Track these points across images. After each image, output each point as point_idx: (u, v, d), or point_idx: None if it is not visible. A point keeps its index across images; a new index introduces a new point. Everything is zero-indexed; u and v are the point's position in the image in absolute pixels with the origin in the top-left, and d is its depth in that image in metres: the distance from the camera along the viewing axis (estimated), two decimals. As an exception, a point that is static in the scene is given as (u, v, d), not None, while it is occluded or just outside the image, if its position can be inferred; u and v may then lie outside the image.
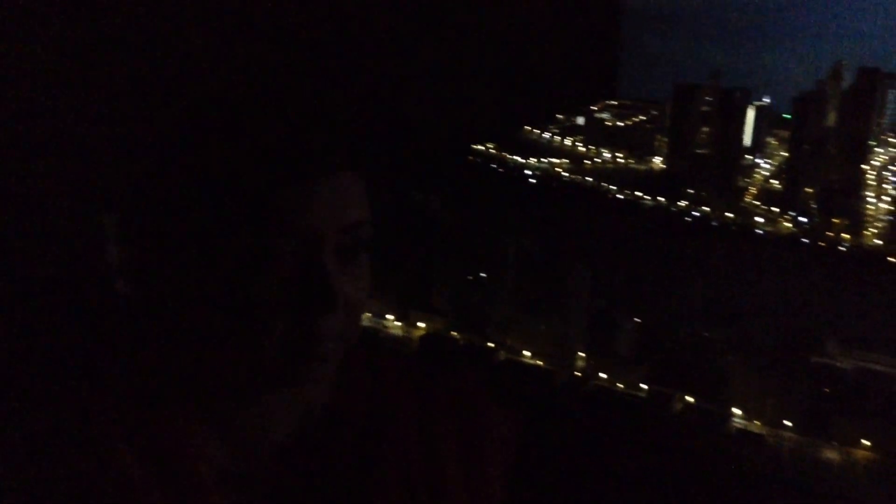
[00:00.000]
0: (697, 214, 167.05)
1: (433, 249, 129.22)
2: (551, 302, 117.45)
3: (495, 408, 2.46)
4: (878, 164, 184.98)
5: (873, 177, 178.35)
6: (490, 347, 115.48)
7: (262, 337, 1.83)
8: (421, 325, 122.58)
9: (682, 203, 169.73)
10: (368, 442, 2.19)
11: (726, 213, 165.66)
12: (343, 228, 1.93)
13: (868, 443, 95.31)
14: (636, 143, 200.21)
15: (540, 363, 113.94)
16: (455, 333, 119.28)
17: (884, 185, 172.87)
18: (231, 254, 1.78)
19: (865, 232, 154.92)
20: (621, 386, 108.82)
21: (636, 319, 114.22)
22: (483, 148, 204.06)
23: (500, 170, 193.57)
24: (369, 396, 2.30)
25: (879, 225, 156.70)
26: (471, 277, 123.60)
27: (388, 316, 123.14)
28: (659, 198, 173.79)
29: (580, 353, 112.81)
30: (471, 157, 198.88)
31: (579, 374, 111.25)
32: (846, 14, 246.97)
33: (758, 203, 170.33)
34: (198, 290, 1.83)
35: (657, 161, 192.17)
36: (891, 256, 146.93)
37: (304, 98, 1.92)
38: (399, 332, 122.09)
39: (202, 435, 1.98)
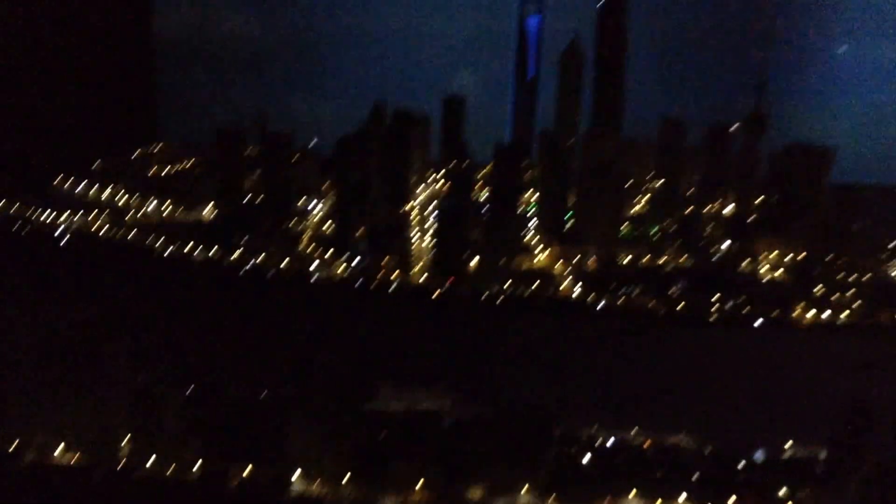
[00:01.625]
0: (253, 265, 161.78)
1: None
2: (87, 382, 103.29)
3: None
4: (422, 200, 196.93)
5: (417, 214, 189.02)
6: (10, 450, 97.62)
7: None
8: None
9: (236, 254, 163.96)
10: None
11: (282, 262, 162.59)
12: None
13: (422, 482, 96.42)
14: (183, 191, 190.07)
15: (75, 458, 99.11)
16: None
17: (427, 223, 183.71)
18: None
19: (413, 270, 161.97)
20: (173, 468, 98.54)
21: (187, 390, 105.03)
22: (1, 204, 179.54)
23: (24, 229, 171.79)
24: None
25: (424, 261, 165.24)
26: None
27: None
28: (210, 250, 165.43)
29: (125, 439, 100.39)
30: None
31: (124, 462, 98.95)
32: (385, 60, 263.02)
33: (313, 247, 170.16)
34: None
35: (207, 210, 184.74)
36: (435, 292, 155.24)
37: None
38: None
39: None
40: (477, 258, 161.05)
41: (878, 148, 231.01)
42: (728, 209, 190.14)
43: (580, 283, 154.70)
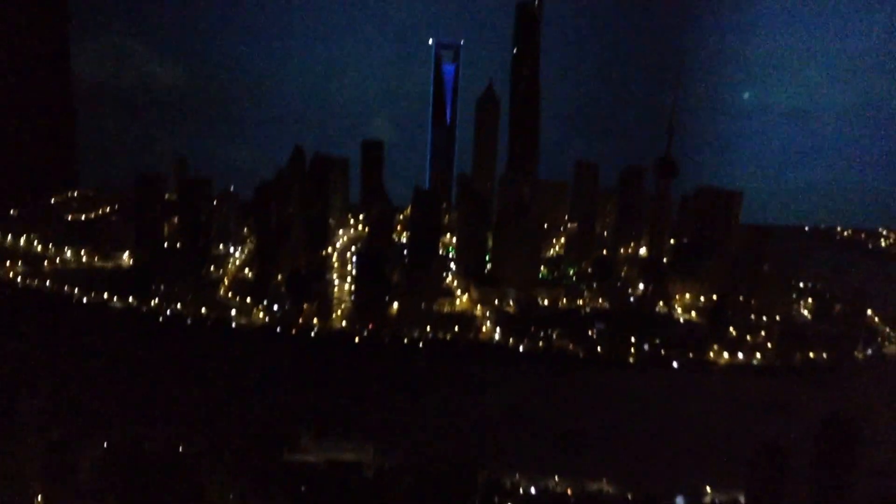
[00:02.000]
0: (172, 312, 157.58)
1: None
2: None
3: None
4: (342, 244, 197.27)
5: (337, 258, 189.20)
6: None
7: None
8: None
9: (154, 301, 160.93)
10: None
11: (201, 309, 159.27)
12: None
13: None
14: (101, 238, 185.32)
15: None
16: None
17: (347, 267, 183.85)
18: None
19: (334, 315, 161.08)
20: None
21: (103, 444, 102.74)
22: None
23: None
24: None
25: (345, 306, 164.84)
26: None
27: None
28: (128, 298, 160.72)
29: (38, 496, 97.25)
30: None
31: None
32: (305, 106, 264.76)
33: (232, 293, 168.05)
34: None
35: (126, 257, 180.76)
36: (357, 337, 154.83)
37: None
38: None
39: None
40: (397, 302, 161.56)
41: (783, 190, 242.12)
42: (642, 251, 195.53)
43: (500, 327, 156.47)
